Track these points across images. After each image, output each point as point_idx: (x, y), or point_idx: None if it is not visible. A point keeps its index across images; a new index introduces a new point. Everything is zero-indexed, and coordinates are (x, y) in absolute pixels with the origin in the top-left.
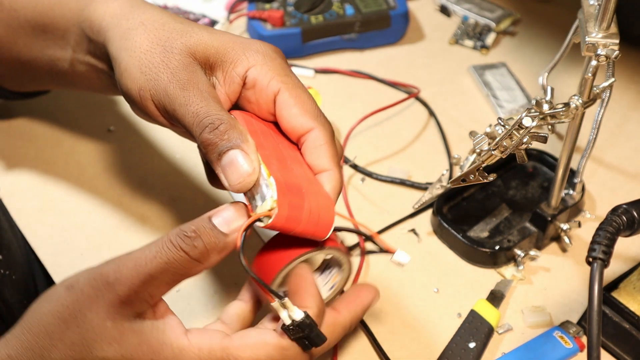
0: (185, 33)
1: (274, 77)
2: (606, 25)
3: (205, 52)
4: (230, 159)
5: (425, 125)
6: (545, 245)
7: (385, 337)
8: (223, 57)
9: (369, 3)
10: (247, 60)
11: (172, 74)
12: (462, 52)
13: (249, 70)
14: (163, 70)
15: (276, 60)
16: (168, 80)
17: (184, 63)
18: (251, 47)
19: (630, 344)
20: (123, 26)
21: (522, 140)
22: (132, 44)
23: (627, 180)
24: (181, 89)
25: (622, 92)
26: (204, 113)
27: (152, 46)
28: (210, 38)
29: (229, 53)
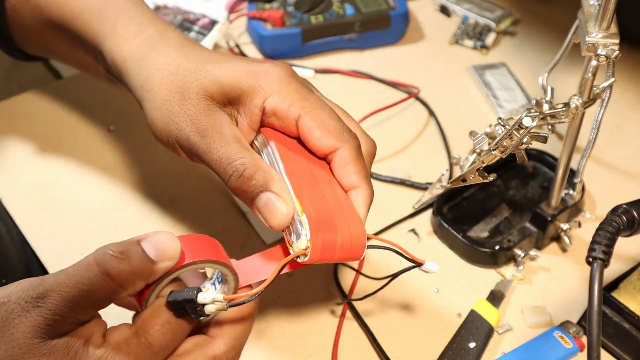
0: (199, 74)
1: (292, 104)
2: (606, 25)
3: (221, 90)
4: (264, 202)
5: (425, 125)
6: (545, 245)
7: (385, 337)
8: (239, 92)
9: (369, 3)
10: (263, 91)
11: (191, 122)
12: (462, 52)
13: (266, 100)
14: (183, 119)
15: (291, 85)
16: (189, 130)
17: (202, 108)
18: (264, 75)
19: (630, 344)
20: (142, 74)
21: (522, 140)
22: (152, 96)
23: (627, 180)
24: (201, 137)
25: (622, 92)
26: (226, 160)
27: (170, 95)
28: (224, 74)
29: (243, 87)
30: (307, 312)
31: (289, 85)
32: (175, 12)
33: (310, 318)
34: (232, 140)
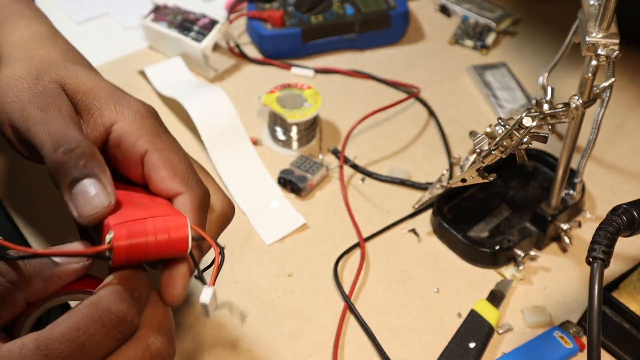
0: (64, 68)
1: (141, 137)
2: (606, 25)
3: (75, 87)
4: (84, 188)
5: (425, 125)
6: (546, 245)
7: (386, 337)
8: (92, 100)
9: (369, 3)
10: (115, 114)
11: (33, 97)
12: (462, 52)
13: (114, 125)
14: (26, 93)
15: (147, 119)
16: (27, 101)
17: (50, 89)
18: (124, 102)
19: (630, 344)
20: (13, 56)
21: (522, 140)
22: (10, 71)
23: (627, 180)
24: (40, 110)
25: (622, 92)
26: (62, 133)
27: (26, 74)
28: (87, 78)
29: (99, 98)
30: (307, 312)
31: (145, 120)
32: (175, 12)
33: (310, 318)
34: (73, 123)
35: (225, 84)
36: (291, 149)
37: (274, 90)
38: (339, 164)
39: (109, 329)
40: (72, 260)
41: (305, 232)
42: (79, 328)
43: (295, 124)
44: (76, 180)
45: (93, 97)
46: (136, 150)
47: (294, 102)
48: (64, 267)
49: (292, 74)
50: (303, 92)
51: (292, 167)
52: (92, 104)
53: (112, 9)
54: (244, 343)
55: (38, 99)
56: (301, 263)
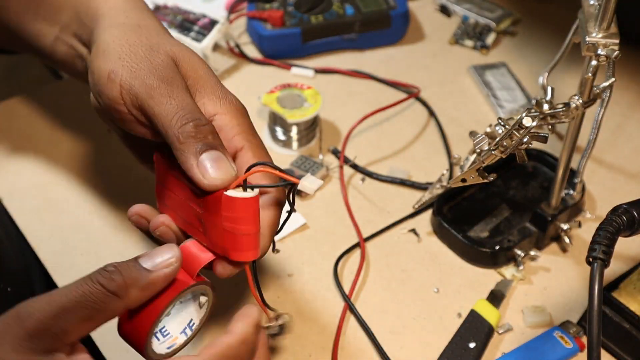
0: (177, 46)
1: (240, 133)
2: (606, 25)
3: (187, 69)
4: (215, 156)
5: (425, 125)
6: (546, 245)
7: (385, 337)
8: (200, 86)
9: (369, 3)
10: (219, 105)
11: (154, 69)
12: (462, 52)
13: (217, 115)
14: (145, 63)
15: (245, 118)
16: (148, 71)
17: (169, 64)
18: (227, 96)
19: (630, 344)
20: (119, 19)
21: (522, 140)
22: (120, 33)
23: (627, 180)
24: (164, 82)
25: (622, 92)
26: (190, 108)
27: (140, 42)
28: (199, 63)
29: (206, 87)
30: (307, 312)
31: (244, 117)
32: (175, 12)
33: (310, 318)
34: (194, 101)
35: (225, 84)
36: (291, 149)
37: (274, 90)
38: (339, 164)
39: None
40: (162, 266)
41: (305, 232)
42: None
43: (295, 124)
44: (204, 150)
45: (202, 84)
46: (232, 144)
47: (294, 102)
48: (157, 274)
49: (292, 74)
50: (303, 92)
51: (292, 167)
52: (199, 90)
53: None
54: None
55: (159, 71)
56: (301, 263)
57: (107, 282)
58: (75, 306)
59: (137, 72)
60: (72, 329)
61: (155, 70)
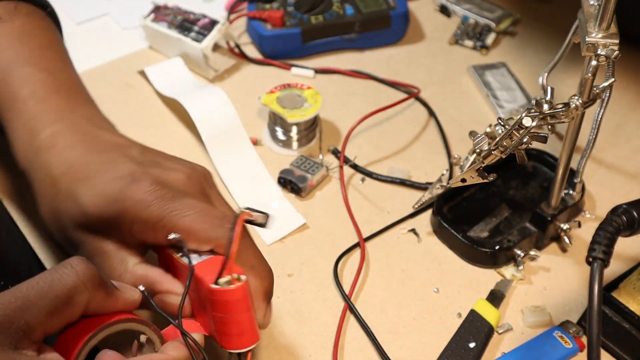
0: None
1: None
2: (606, 25)
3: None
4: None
5: (425, 125)
6: (545, 245)
7: (385, 337)
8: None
9: (369, 3)
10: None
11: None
12: (462, 52)
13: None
14: (128, 196)
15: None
16: (136, 203)
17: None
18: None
19: (630, 344)
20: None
21: (522, 140)
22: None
23: (627, 180)
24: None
25: (622, 92)
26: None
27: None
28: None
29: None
30: (307, 312)
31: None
32: (175, 12)
33: (310, 318)
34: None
35: (225, 84)
36: (291, 149)
37: (274, 90)
38: (339, 164)
39: None
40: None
41: (305, 232)
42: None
43: (295, 124)
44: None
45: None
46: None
47: (294, 102)
48: (123, 294)
49: (292, 74)
50: (303, 92)
51: (292, 167)
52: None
53: (112, 10)
54: None
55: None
56: (301, 263)
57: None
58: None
59: (126, 203)
60: (37, 323)
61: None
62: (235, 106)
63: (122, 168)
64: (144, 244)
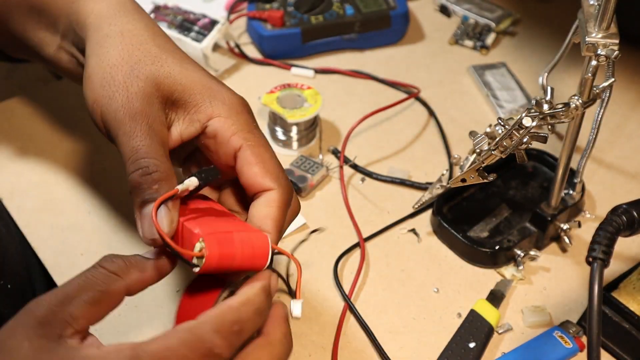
0: (158, 60)
1: (236, 133)
2: (606, 25)
3: (171, 86)
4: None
5: (425, 125)
6: (545, 245)
7: (385, 337)
8: (188, 98)
9: (369, 3)
10: (212, 109)
11: (127, 99)
12: (462, 52)
13: (211, 119)
14: (121, 91)
15: (242, 115)
16: (121, 104)
17: (144, 92)
18: (219, 95)
19: (630, 344)
20: (103, 30)
21: (522, 140)
22: (104, 53)
23: (627, 180)
24: (130, 118)
25: (622, 92)
26: (143, 152)
27: (121, 62)
28: (181, 73)
29: (194, 95)
30: (307, 312)
31: (239, 115)
32: (175, 12)
33: (310, 318)
34: (157, 139)
35: (225, 84)
36: (291, 149)
37: (274, 90)
38: (339, 164)
39: (197, 357)
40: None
41: (305, 232)
42: (170, 348)
43: (295, 124)
44: (146, 202)
45: (189, 94)
46: (230, 145)
47: (294, 102)
48: (155, 262)
49: (292, 74)
50: (303, 92)
51: (292, 167)
52: (188, 100)
53: None
54: None
55: (130, 102)
56: (301, 263)
57: (108, 264)
58: (79, 290)
59: (112, 105)
60: (80, 313)
61: (128, 101)
62: None
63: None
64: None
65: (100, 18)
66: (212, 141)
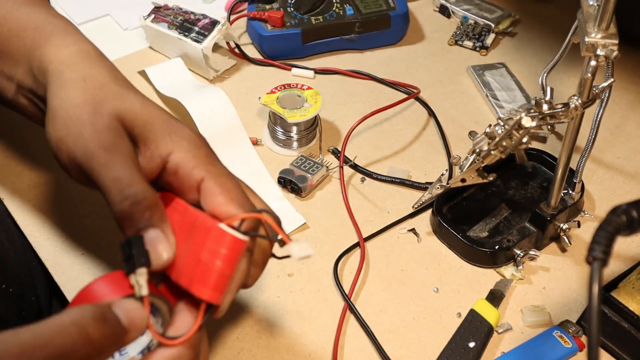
0: (120, 96)
1: (197, 165)
2: (605, 26)
3: (132, 121)
4: (152, 237)
5: (425, 125)
6: (545, 245)
7: (385, 337)
8: (148, 133)
9: (369, 4)
10: (172, 144)
11: (96, 134)
12: (461, 52)
13: (171, 155)
14: (88, 128)
15: (202, 148)
16: (90, 138)
17: (111, 126)
18: (179, 131)
19: (629, 344)
20: (65, 76)
21: (521, 141)
22: (66, 95)
23: (627, 180)
24: (104, 150)
25: (621, 93)
26: (127, 182)
27: (84, 103)
28: (142, 109)
29: (155, 131)
30: (307, 312)
31: (200, 148)
32: (175, 13)
33: (310, 318)
34: (136, 169)
35: (225, 85)
36: (291, 149)
37: (274, 90)
38: (339, 164)
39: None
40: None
41: (305, 232)
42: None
43: (296, 124)
44: (141, 229)
45: (150, 129)
46: (193, 178)
47: (294, 102)
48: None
49: (293, 74)
50: (303, 92)
51: (292, 167)
52: (149, 136)
53: (112, 10)
54: (244, 342)
55: (100, 136)
56: (301, 263)
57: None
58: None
59: (80, 141)
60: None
61: (98, 136)
62: (235, 106)
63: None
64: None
65: (62, 64)
66: (174, 177)
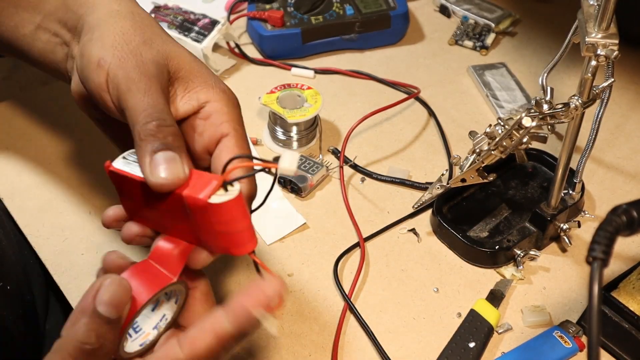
0: (169, 43)
1: (228, 121)
2: (605, 26)
3: (179, 63)
4: (170, 157)
5: (425, 125)
6: (545, 245)
7: (385, 337)
8: (193, 77)
9: (369, 4)
10: (212, 94)
11: (141, 63)
12: (461, 52)
13: (208, 102)
14: (134, 55)
15: (236, 109)
16: (135, 65)
17: (157, 61)
18: (220, 86)
19: (629, 344)
20: (113, 7)
21: (521, 140)
22: (115, 22)
23: (627, 180)
24: (146, 77)
25: (621, 93)
26: (160, 108)
27: (134, 33)
28: (190, 57)
29: (199, 77)
30: (307, 312)
31: (235, 108)
32: (175, 13)
33: (310, 318)
34: (169, 105)
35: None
36: (291, 149)
37: (274, 90)
38: (339, 164)
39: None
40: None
41: (305, 232)
42: None
43: (295, 124)
44: (159, 149)
45: (195, 75)
46: (219, 130)
47: (294, 102)
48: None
49: (292, 74)
50: (303, 92)
51: None
52: (191, 80)
53: None
54: (244, 342)
55: (145, 66)
56: (301, 263)
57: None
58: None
59: (124, 63)
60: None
61: (142, 65)
62: None
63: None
64: None
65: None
66: (202, 122)
